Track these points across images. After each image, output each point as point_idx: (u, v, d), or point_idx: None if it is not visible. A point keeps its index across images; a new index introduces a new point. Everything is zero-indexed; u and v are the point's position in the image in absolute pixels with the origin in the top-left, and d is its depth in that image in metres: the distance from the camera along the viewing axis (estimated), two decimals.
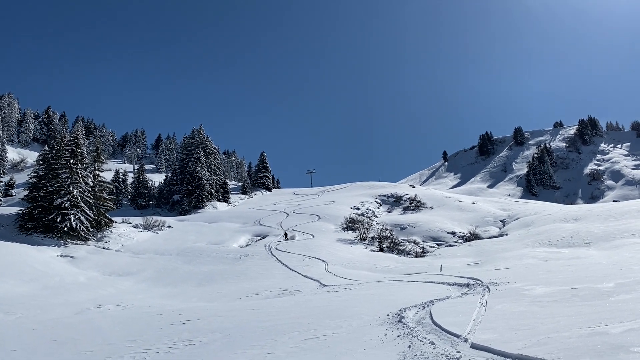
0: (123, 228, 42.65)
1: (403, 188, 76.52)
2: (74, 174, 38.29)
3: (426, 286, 18.94)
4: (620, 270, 16.22)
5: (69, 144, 41.26)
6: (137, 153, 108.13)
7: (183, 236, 42.95)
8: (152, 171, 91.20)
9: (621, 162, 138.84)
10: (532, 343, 7.49)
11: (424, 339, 9.05)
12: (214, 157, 75.44)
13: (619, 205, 47.70)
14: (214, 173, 71.76)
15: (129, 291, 25.87)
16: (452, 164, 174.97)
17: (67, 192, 37.18)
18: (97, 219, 39.45)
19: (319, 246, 38.94)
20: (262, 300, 20.70)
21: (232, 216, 56.51)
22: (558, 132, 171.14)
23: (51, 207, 36.91)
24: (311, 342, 10.24)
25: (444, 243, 45.09)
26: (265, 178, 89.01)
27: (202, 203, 64.40)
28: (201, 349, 10.95)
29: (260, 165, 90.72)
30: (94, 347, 11.90)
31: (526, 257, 29.98)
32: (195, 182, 64.87)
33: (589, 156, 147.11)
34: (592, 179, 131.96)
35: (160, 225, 45.38)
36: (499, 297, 13.41)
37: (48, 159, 39.86)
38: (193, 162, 67.10)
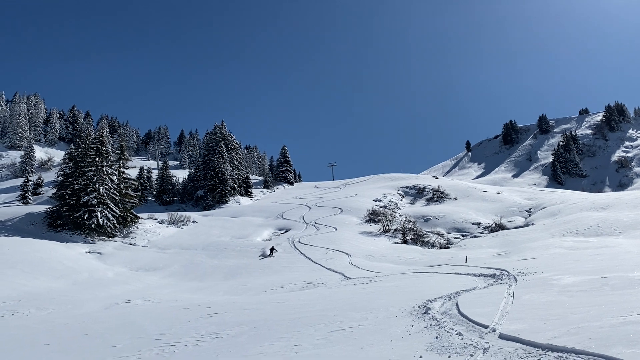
0: (149, 224, 43.28)
1: (426, 179, 75.97)
2: (99, 171, 38.94)
3: (452, 277, 18.81)
4: None
5: (94, 142, 41.95)
6: (161, 150, 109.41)
7: (208, 231, 43.38)
8: (176, 167, 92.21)
9: None
10: (562, 333, 7.38)
11: (451, 330, 8.99)
12: (236, 152, 75.90)
13: None
14: (236, 168, 72.22)
15: (156, 286, 26.28)
16: (476, 154, 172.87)
17: (94, 189, 37.85)
18: (123, 215, 40.11)
19: (342, 239, 38.94)
20: (287, 293, 20.82)
21: (255, 210, 56.85)
22: (584, 119, 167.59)
23: (78, 205, 37.63)
24: (337, 334, 10.26)
25: (469, 234, 44.66)
26: (287, 172, 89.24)
27: (226, 198, 64.90)
28: (229, 342, 11.06)
29: (282, 159, 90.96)
30: (124, 341, 12.12)
31: (553, 247, 29.56)
32: (218, 177, 65.38)
33: (617, 143, 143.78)
34: (620, 166, 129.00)
35: (185, 221, 45.91)
36: (527, 287, 13.24)
37: (74, 157, 40.62)
38: (215, 157, 67.62)
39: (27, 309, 19.15)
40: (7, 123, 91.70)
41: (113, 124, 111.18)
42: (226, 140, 73.96)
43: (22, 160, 78.02)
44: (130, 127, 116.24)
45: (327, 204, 58.95)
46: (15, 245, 30.40)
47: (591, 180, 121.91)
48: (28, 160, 77.43)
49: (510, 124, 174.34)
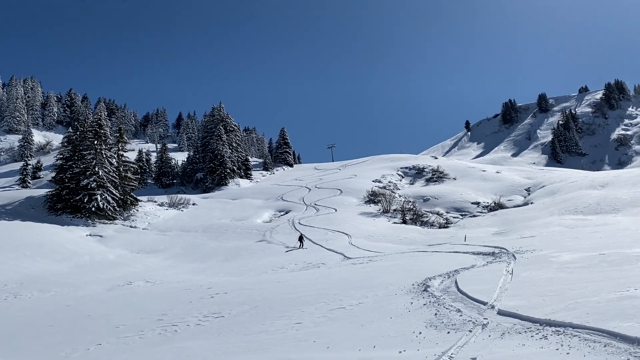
0: (149, 207, 43.37)
1: (425, 159, 75.94)
2: (98, 154, 38.88)
3: (451, 256, 18.92)
4: None
5: (92, 125, 41.82)
6: (159, 132, 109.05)
7: (208, 213, 43.50)
8: (175, 150, 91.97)
9: None
10: (560, 308, 7.46)
11: (450, 307, 9.07)
12: (235, 134, 75.72)
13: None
14: (235, 150, 72.10)
15: (157, 268, 26.44)
16: (475, 133, 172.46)
17: (93, 172, 37.83)
18: (123, 198, 40.17)
19: (342, 220, 39.08)
20: (287, 273, 20.96)
21: (255, 192, 56.92)
22: (583, 98, 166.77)
23: (78, 188, 37.65)
24: (338, 312, 10.36)
25: (468, 213, 44.80)
26: (286, 154, 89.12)
27: (225, 180, 64.91)
28: (230, 321, 11.18)
29: (281, 141, 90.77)
30: (127, 322, 12.25)
31: (552, 225, 29.68)
32: (217, 159, 65.31)
33: (616, 121, 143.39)
34: (619, 145, 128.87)
35: (185, 203, 45.99)
36: (525, 264, 13.33)
37: (73, 140, 40.54)
38: (214, 139, 67.47)
39: (29, 291, 19.30)
40: (4, 107, 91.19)
41: (111, 107, 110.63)
42: (225, 122, 73.72)
43: (20, 144, 77.81)
44: (128, 110, 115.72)
45: (326, 186, 59.01)
46: (16, 229, 30.50)
47: (590, 159, 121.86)
48: (26, 144, 77.23)
49: (510, 103, 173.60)
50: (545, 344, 5.92)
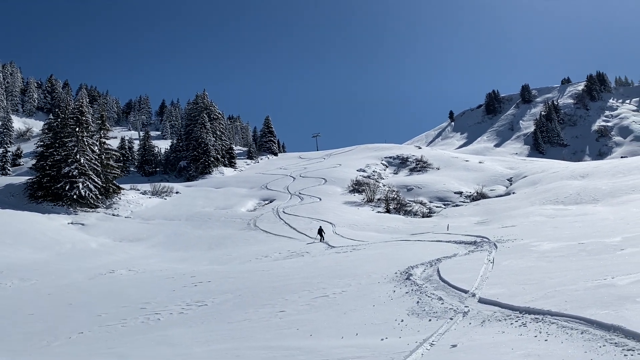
0: (131, 195, 42.99)
1: (409, 149, 76.23)
2: (80, 142, 38.36)
3: (433, 245, 19.10)
4: (627, 225, 16.26)
5: (73, 112, 41.20)
6: (142, 120, 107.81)
7: (191, 202, 43.27)
8: (158, 138, 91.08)
9: (630, 118, 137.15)
10: (539, 296, 7.59)
11: (432, 295, 9.18)
12: (219, 123, 75.17)
13: (626, 162, 47.44)
14: (219, 138, 71.64)
15: (140, 256, 26.29)
16: (459, 123, 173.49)
17: (74, 160, 37.34)
18: (105, 186, 39.74)
19: (326, 209, 39.16)
20: (271, 262, 20.99)
21: (239, 181, 56.71)
22: (566, 89, 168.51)
23: (59, 176, 37.16)
24: (321, 300, 10.42)
25: (451, 203, 45.18)
26: (271, 142, 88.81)
27: (209, 168, 64.55)
28: (214, 309, 11.19)
29: (266, 129, 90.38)
30: (109, 310, 12.19)
31: (533, 215, 30.07)
32: (201, 147, 64.87)
33: (597, 112, 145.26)
34: (600, 136, 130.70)
35: (168, 192, 45.68)
36: (506, 253, 13.51)
37: (54, 127, 39.92)
38: (198, 127, 66.95)
39: (9, 280, 19.07)
40: None
41: (93, 94, 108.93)
42: (208, 110, 73.14)
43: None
44: (111, 97, 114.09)
45: (311, 175, 59.01)
46: None
47: (572, 150, 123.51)
48: (6, 131, 75.76)
49: (493, 94, 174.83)
50: (525, 331, 6.03)
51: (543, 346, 5.36)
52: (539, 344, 5.47)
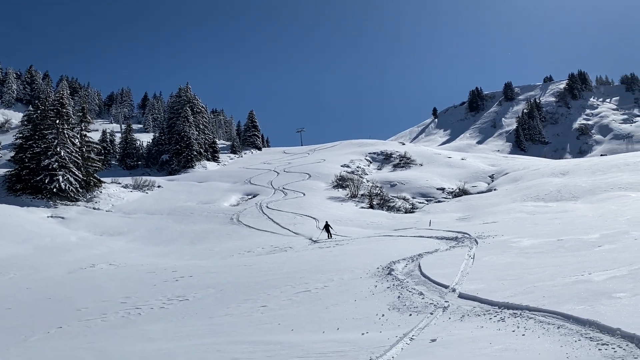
0: (113, 188, 42.54)
1: (393, 145, 76.54)
2: (60, 134, 37.81)
3: (415, 240, 19.23)
4: (606, 222, 16.53)
5: (54, 103, 40.57)
6: (124, 113, 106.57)
7: (173, 196, 42.96)
8: (140, 131, 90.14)
9: (610, 117, 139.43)
10: (518, 292, 7.69)
11: (412, 290, 9.25)
12: (202, 116, 74.64)
13: (606, 159, 48.20)
14: (203, 132, 71.14)
15: (121, 250, 26.05)
16: (442, 120, 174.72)
17: (55, 152, 36.80)
18: (86, 179, 39.26)
19: (310, 204, 39.18)
20: (254, 257, 20.95)
21: (222, 175, 56.44)
22: (548, 87, 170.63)
23: (39, 168, 36.60)
24: (303, 295, 10.44)
25: (433, 199, 45.51)
26: (255, 137, 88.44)
27: (192, 163, 64.10)
28: (195, 304, 11.14)
29: (250, 124, 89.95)
30: (89, 304, 12.08)
31: (514, 212, 30.42)
32: (184, 141, 64.36)
33: (578, 111, 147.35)
34: (580, 134, 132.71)
35: (150, 185, 45.29)
36: (487, 249, 13.66)
37: (33, 119, 39.25)
38: (181, 121, 66.36)
39: None
40: None
41: (74, 86, 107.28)
42: (191, 104, 72.56)
43: None
44: (92, 89, 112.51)
45: (295, 170, 58.95)
46: None
47: (553, 147, 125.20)
48: None
49: (477, 91, 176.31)
50: (503, 326, 6.11)
51: (520, 341, 5.44)
52: (516, 338, 5.55)
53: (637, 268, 8.01)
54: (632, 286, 6.88)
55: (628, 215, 17.71)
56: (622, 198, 28.01)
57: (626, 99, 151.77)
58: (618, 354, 4.61)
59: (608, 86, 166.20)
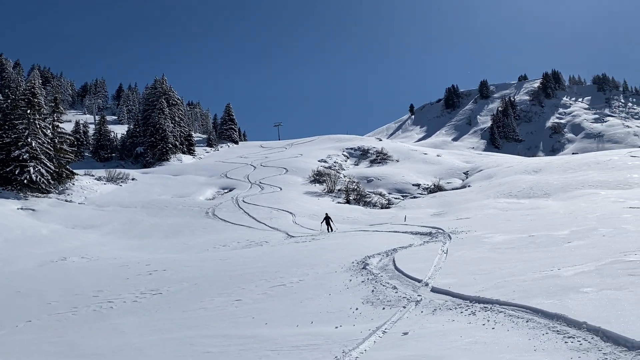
0: (85, 180, 41.81)
1: (370, 141, 76.88)
2: (31, 124, 36.94)
3: (390, 235, 19.37)
4: (576, 219, 16.89)
5: (25, 93, 39.59)
6: (98, 104, 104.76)
7: (148, 189, 42.44)
8: (114, 122, 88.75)
9: (581, 116, 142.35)
10: (489, 286, 7.82)
11: (386, 284, 9.34)
12: (178, 109, 73.84)
13: (577, 158, 49.23)
14: (178, 125, 70.38)
15: (93, 243, 25.64)
16: (419, 117, 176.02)
17: (25, 143, 35.96)
18: (58, 171, 38.48)
19: (287, 198, 39.13)
20: (229, 251, 20.86)
21: (198, 169, 55.97)
22: (522, 86, 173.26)
23: (9, 159, 35.72)
24: (278, 289, 10.45)
25: (409, 195, 45.91)
26: (232, 130, 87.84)
27: (167, 155, 63.40)
28: (168, 298, 11.05)
29: (226, 117, 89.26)
30: (60, 298, 11.88)
31: (487, 208, 30.87)
32: (159, 133, 63.57)
33: (552, 110, 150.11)
34: (553, 132, 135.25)
35: (124, 178, 44.66)
36: (460, 244, 13.85)
37: (3, 109, 38.25)
38: (156, 113, 65.51)
39: None
40: None
41: (46, 75, 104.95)
42: (167, 96, 71.72)
43: None
44: (65, 79, 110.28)
45: (272, 164, 58.80)
46: None
47: (526, 145, 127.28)
48: None
49: (453, 89, 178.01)
50: (473, 320, 6.22)
51: (490, 334, 5.54)
52: (486, 331, 5.65)
53: (604, 264, 8.22)
54: (599, 281, 7.06)
55: (597, 213, 18.13)
56: (592, 196, 28.67)
57: (598, 99, 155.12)
58: (583, 346, 4.74)
59: (580, 86, 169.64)
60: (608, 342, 4.71)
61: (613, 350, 4.52)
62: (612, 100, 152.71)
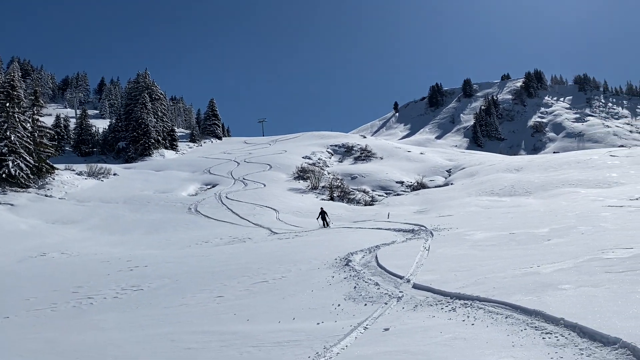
0: (66, 175, 41.24)
1: (354, 138, 77.00)
2: (10, 118, 36.31)
3: (373, 232, 19.45)
4: (556, 217, 17.12)
5: (4, 86, 38.88)
6: (79, 97, 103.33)
7: (129, 184, 42.02)
8: (96, 117, 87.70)
9: (563, 115, 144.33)
10: (470, 283, 7.90)
11: (369, 281, 9.38)
12: (161, 103, 73.22)
13: (558, 157, 49.91)
14: (161, 120, 69.78)
15: (74, 239, 25.33)
16: (403, 114, 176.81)
17: (4, 137, 35.35)
18: (37, 165, 37.90)
19: (270, 195, 39.04)
20: (212, 247, 20.76)
21: (181, 164, 55.56)
22: (505, 85, 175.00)
23: None
24: (260, 286, 10.43)
25: (393, 192, 46.12)
26: (215, 126, 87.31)
27: (149, 150, 62.83)
28: (149, 294, 10.97)
29: (210, 112, 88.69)
30: (39, 294, 11.72)
31: (469, 205, 31.15)
32: (141, 128, 62.96)
33: (534, 109, 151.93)
34: (535, 131, 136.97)
35: (105, 173, 44.15)
36: (442, 241, 13.96)
37: None
38: (138, 107, 64.85)
39: None
40: None
41: (26, 68, 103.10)
42: (150, 90, 71.04)
43: None
44: (46, 72, 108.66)
45: (256, 160, 58.58)
46: None
47: (508, 144, 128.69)
48: None
49: (437, 87, 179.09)
50: (454, 316, 6.28)
51: (470, 330, 5.61)
52: (466, 327, 5.71)
53: (582, 261, 8.35)
54: (577, 278, 7.17)
55: (577, 211, 18.42)
56: (572, 194, 29.10)
57: (579, 98, 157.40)
58: (560, 342, 4.81)
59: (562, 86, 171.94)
60: (584, 337, 4.79)
61: (589, 345, 4.60)
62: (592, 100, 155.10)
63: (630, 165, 37.40)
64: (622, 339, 4.40)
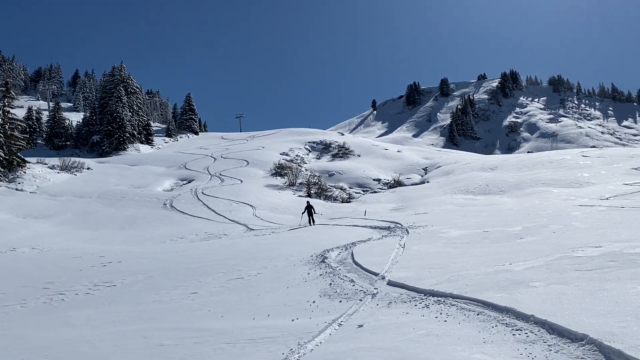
0: (38, 169, 40.40)
1: (332, 135, 77.12)
2: None
3: (350, 229, 19.53)
4: (529, 216, 17.43)
5: None
6: (52, 90, 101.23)
7: (103, 179, 41.38)
8: (70, 110, 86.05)
9: (537, 116, 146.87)
10: (443, 280, 8.00)
11: (344, 277, 9.42)
12: (137, 97, 72.18)
13: (532, 156, 50.79)
14: (137, 114, 68.82)
15: (45, 234, 24.85)
16: (381, 112, 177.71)
17: None
18: (8, 158, 37.05)
19: (247, 191, 38.88)
20: (187, 243, 20.59)
21: (156, 159, 54.91)
22: (482, 85, 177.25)
23: None
24: (235, 282, 10.38)
25: (369, 189, 46.37)
26: (192, 121, 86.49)
27: (124, 145, 61.95)
28: (123, 290, 10.83)
29: (186, 107, 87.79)
30: (8, 290, 11.46)
31: (444, 203, 31.50)
32: (116, 122, 62.02)
33: (509, 109, 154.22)
34: (510, 131, 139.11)
35: (78, 167, 43.38)
36: (417, 239, 14.08)
37: None
38: (114, 101, 63.84)
39: None
40: None
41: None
42: (125, 84, 69.98)
43: None
44: (17, 63, 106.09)
45: (233, 156, 58.24)
46: None
47: (484, 143, 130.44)
48: None
49: (414, 85, 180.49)
50: (427, 312, 6.35)
51: (442, 326, 5.67)
52: (439, 324, 5.78)
53: (553, 259, 8.53)
54: (547, 276, 7.32)
55: (549, 210, 18.78)
56: (545, 193, 29.66)
57: (553, 99, 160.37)
58: (530, 338, 4.91)
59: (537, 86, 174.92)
60: (553, 334, 4.89)
61: (557, 342, 4.70)
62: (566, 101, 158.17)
63: (601, 165, 38.29)
64: (590, 336, 4.51)
